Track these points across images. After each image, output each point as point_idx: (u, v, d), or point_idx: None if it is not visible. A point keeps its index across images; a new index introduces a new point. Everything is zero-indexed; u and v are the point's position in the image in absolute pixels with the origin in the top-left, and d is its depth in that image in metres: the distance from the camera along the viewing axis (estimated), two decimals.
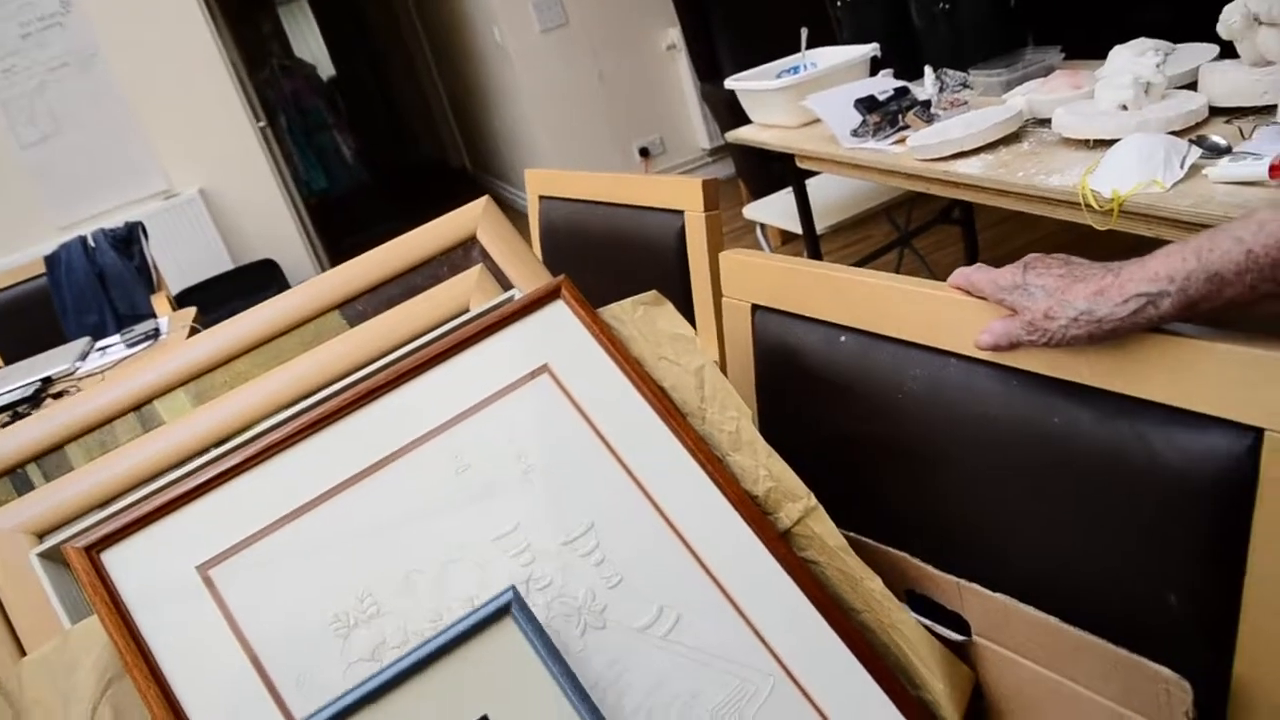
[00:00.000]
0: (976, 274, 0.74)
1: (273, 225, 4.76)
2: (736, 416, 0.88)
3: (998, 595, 0.76)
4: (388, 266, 1.07)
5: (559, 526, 0.83)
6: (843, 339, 0.88)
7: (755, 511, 0.86)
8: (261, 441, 0.85)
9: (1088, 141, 1.68)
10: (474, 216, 1.11)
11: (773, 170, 3.14)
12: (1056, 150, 1.73)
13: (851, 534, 0.85)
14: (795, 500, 0.85)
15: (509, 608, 0.76)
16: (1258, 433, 0.61)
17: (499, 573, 0.80)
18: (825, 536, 0.84)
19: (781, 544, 0.86)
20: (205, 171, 4.57)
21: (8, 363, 2.64)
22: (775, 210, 2.99)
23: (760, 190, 3.30)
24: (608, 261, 1.46)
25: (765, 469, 0.86)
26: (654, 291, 0.93)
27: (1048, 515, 0.74)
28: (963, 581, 0.78)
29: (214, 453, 0.88)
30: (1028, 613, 0.74)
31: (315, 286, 1.05)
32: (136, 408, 0.96)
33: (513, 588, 0.76)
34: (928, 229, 3.06)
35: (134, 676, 0.72)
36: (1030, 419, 0.73)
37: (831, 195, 2.87)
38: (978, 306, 0.75)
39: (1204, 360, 0.63)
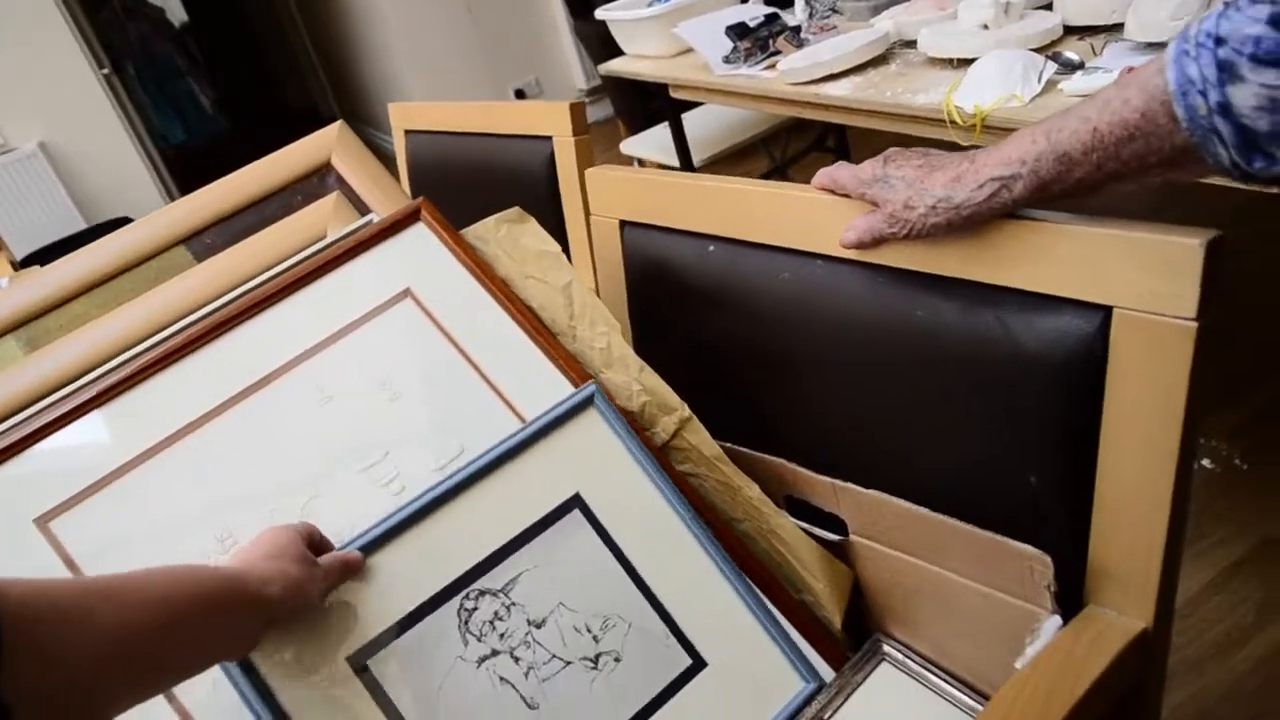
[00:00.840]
0: (839, 170, 0.74)
1: (126, 180, 4.47)
2: (607, 332, 0.86)
3: (870, 491, 0.77)
4: (236, 196, 1.00)
5: (430, 452, 0.80)
6: (711, 249, 0.87)
7: (635, 426, 0.85)
8: (102, 383, 0.79)
9: (952, 61, 1.71)
10: (328, 142, 1.06)
11: (650, 107, 3.11)
12: (923, 70, 1.75)
13: (728, 444, 0.85)
14: (670, 413, 0.84)
15: (591, 399, 0.83)
16: (1107, 311, 0.63)
17: (368, 503, 0.77)
18: (702, 447, 0.83)
19: (660, 455, 0.85)
20: (44, 124, 4.23)
21: None
22: (652, 145, 2.96)
23: (639, 128, 3.26)
24: (477, 194, 1.41)
25: (639, 384, 0.85)
26: (517, 208, 0.90)
27: (916, 409, 0.75)
28: (837, 482, 0.79)
29: (48, 400, 0.81)
30: (899, 505, 0.75)
31: (157, 219, 0.98)
32: None
33: (593, 384, 0.83)
34: (803, 157, 3.08)
35: None
36: (896, 314, 0.73)
37: (708, 128, 2.86)
38: (842, 206, 0.75)
39: (1056, 243, 0.64)
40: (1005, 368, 0.68)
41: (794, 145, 3.07)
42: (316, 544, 0.71)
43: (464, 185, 1.56)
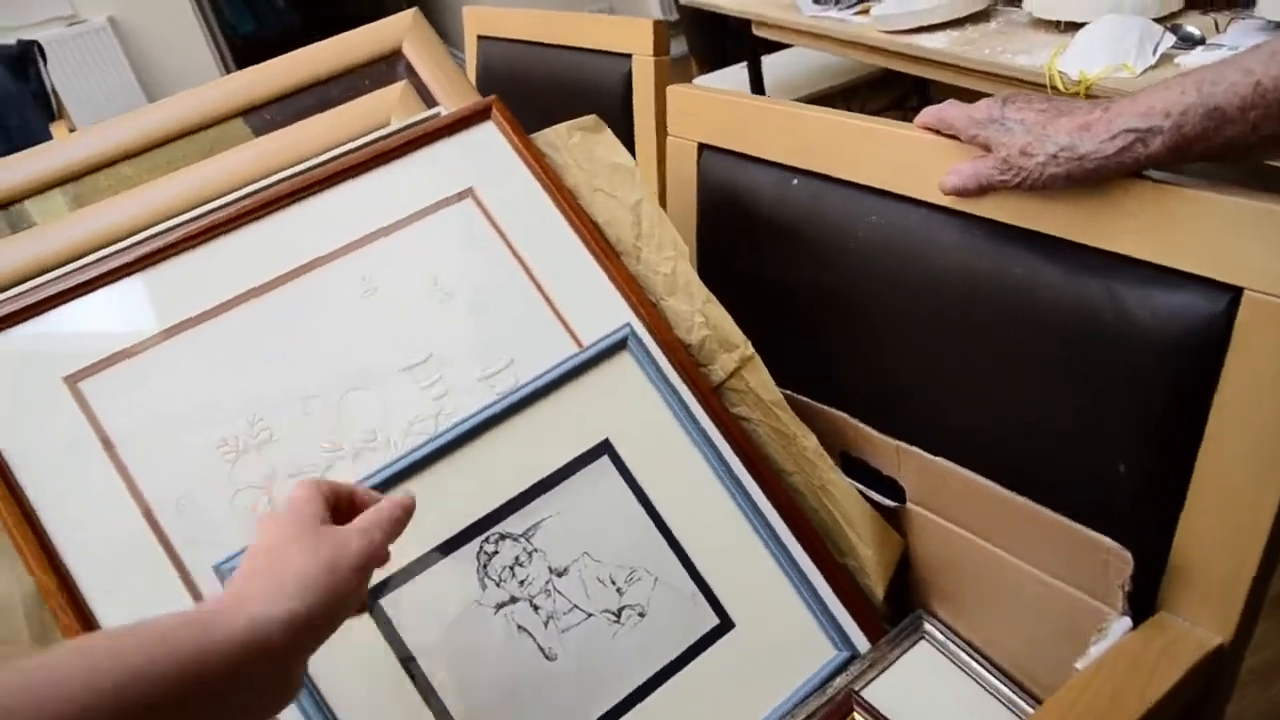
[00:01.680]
0: (949, 108, 0.67)
1: (192, 66, 4.43)
2: (674, 257, 0.81)
3: (937, 459, 0.72)
4: (301, 73, 0.95)
5: (477, 361, 0.76)
6: (794, 182, 0.81)
7: (688, 360, 0.80)
8: (144, 248, 0.75)
9: (1058, 24, 1.61)
10: (401, 28, 1.00)
11: (727, 47, 3.02)
12: (1025, 31, 1.66)
13: (786, 392, 0.80)
14: (731, 350, 0.79)
15: (625, 342, 0.79)
16: (1236, 292, 0.57)
17: (406, 404, 0.73)
18: (760, 390, 0.78)
19: (713, 398, 0.80)
20: (115, 0, 4.22)
21: None
22: (727, 86, 2.88)
23: (713, 68, 3.17)
24: (547, 108, 1.35)
25: (702, 315, 0.80)
26: (593, 116, 0.84)
27: (999, 377, 0.69)
28: (902, 444, 0.74)
29: (88, 259, 0.78)
30: (966, 477, 0.70)
31: (217, 89, 0.93)
32: (4, 206, 0.85)
33: (628, 324, 0.79)
34: (881, 114, 2.98)
35: None
36: (991, 272, 0.67)
37: (786, 74, 2.76)
38: (945, 148, 0.68)
39: (1186, 210, 0.58)
40: (1108, 343, 0.62)
41: (872, 103, 2.97)
42: (349, 503, 0.56)
43: (534, 98, 1.50)
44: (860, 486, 0.77)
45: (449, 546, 0.70)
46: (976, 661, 0.76)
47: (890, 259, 0.74)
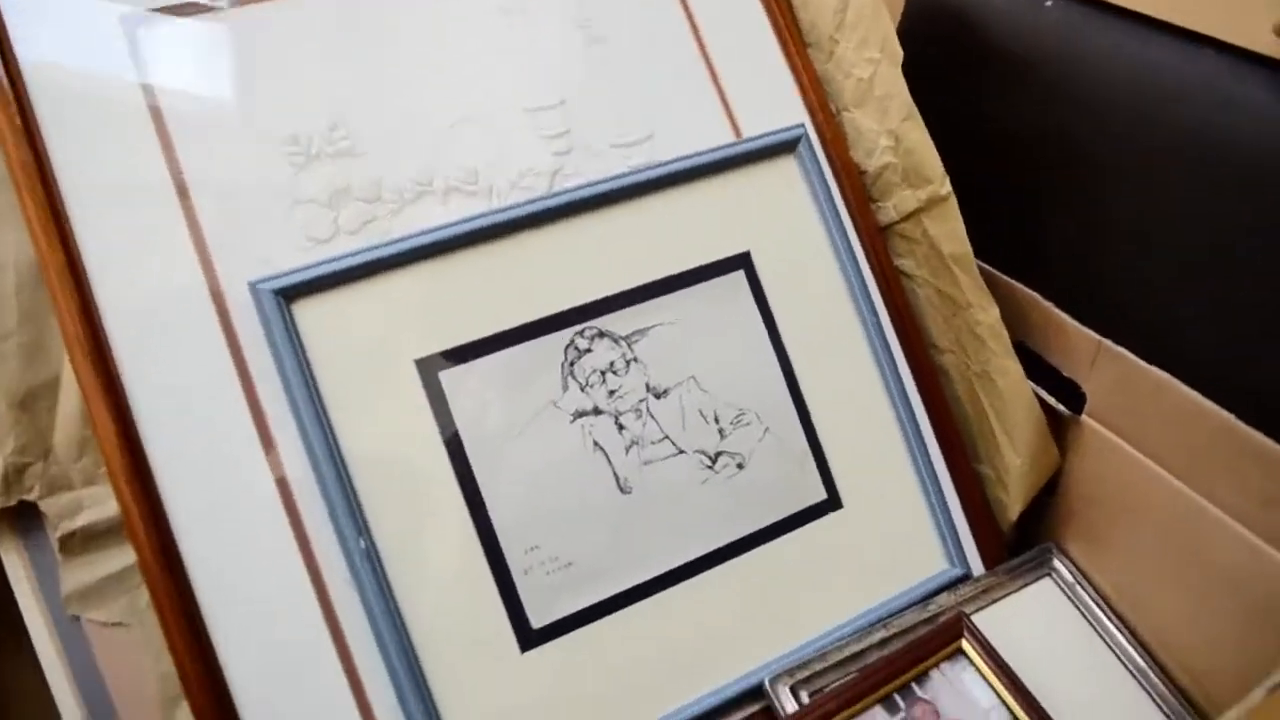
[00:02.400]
0: None
1: None
2: (877, 60, 0.65)
3: (1151, 367, 0.57)
4: None
5: (614, 122, 0.62)
6: (1048, 3, 0.64)
7: (859, 189, 0.66)
8: None
9: None
10: None
11: None
12: None
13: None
14: (919, 186, 0.64)
15: (795, 145, 0.65)
16: None
17: (521, 151, 0.60)
18: (941, 241, 0.64)
19: (879, 240, 0.66)
20: None
21: None
22: None
23: None
24: None
25: (891, 138, 0.65)
26: None
27: (1257, 282, 0.54)
28: (1107, 341, 0.60)
29: None
30: (1188, 396, 0.55)
31: None
32: None
33: (803, 125, 0.65)
34: None
35: None
36: None
37: None
38: None
39: None
40: None
41: None
42: None
43: None
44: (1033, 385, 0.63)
45: (533, 330, 0.57)
46: (1110, 619, 0.64)
47: (1152, 115, 0.58)
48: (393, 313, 0.56)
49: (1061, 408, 0.63)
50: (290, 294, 0.54)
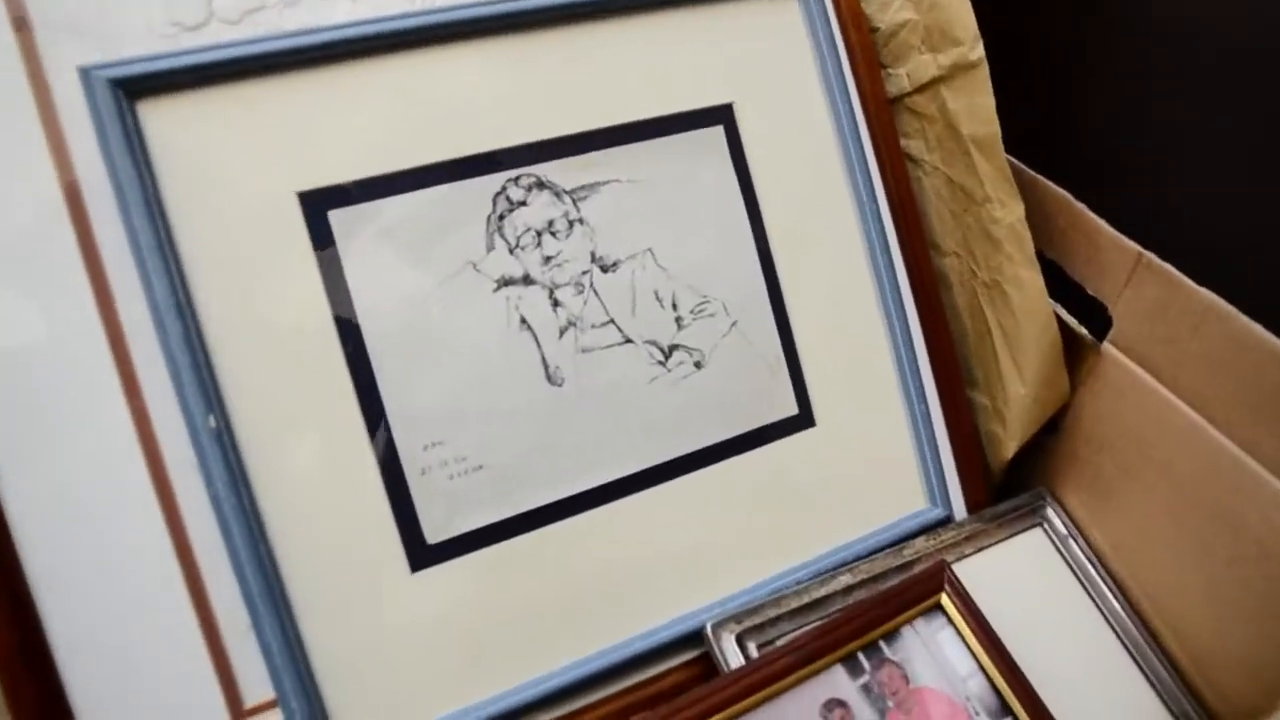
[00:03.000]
0: None
1: None
2: None
3: (1201, 289, 0.47)
4: None
5: None
6: None
7: (869, 49, 0.54)
8: None
9: None
10: None
11: None
12: None
13: None
14: (943, 49, 0.53)
15: None
16: None
17: None
18: (961, 119, 0.53)
19: (885, 114, 0.55)
20: None
21: None
22: None
23: None
24: None
25: None
26: None
27: None
28: (1149, 255, 0.49)
29: None
30: (1238, 325, 0.45)
31: None
32: None
33: None
34: None
35: None
36: None
37: None
38: None
39: None
40: None
41: None
42: None
43: None
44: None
45: (456, 170, 0.45)
46: (1104, 580, 0.55)
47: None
48: (274, 130, 0.43)
49: (1083, 331, 0.53)
50: (135, 88, 0.41)
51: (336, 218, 0.43)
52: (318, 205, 0.43)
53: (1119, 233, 0.50)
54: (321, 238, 0.43)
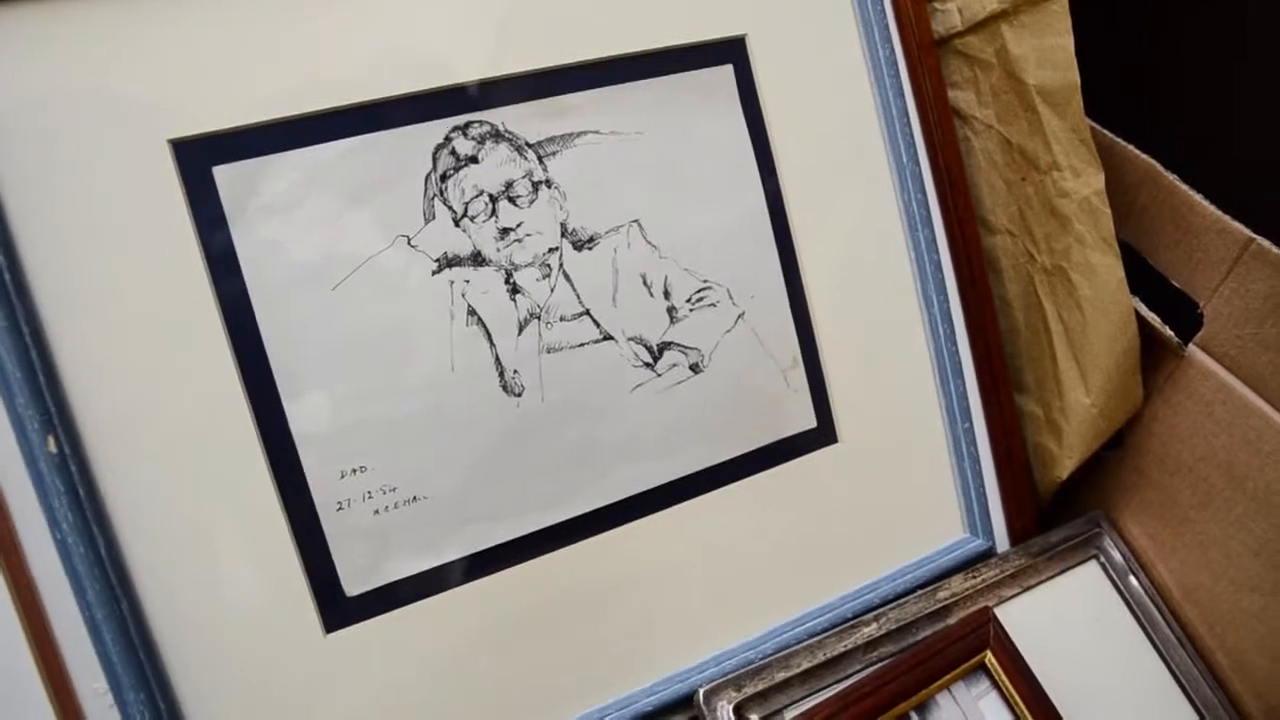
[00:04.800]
0: None
1: None
2: None
3: None
4: None
5: None
6: None
7: None
8: None
9: None
10: None
11: None
12: None
13: None
14: None
15: None
16: None
17: None
18: (1026, 66, 0.42)
19: (931, 57, 0.44)
20: None
21: None
22: None
23: None
24: None
25: None
26: None
27: None
28: (1261, 240, 0.40)
29: None
30: None
31: None
32: None
33: None
34: None
35: None
36: None
37: None
38: None
39: None
40: None
41: None
42: None
43: None
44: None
45: (382, 114, 0.35)
46: (1169, 624, 0.46)
47: None
48: (138, 58, 0.32)
49: (1168, 332, 0.43)
50: None
51: (223, 176, 0.32)
52: (198, 159, 0.32)
53: (1221, 212, 0.40)
54: (203, 201, 0.32)
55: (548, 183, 0.36)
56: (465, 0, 0.36)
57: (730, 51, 0.39)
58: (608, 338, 0.38)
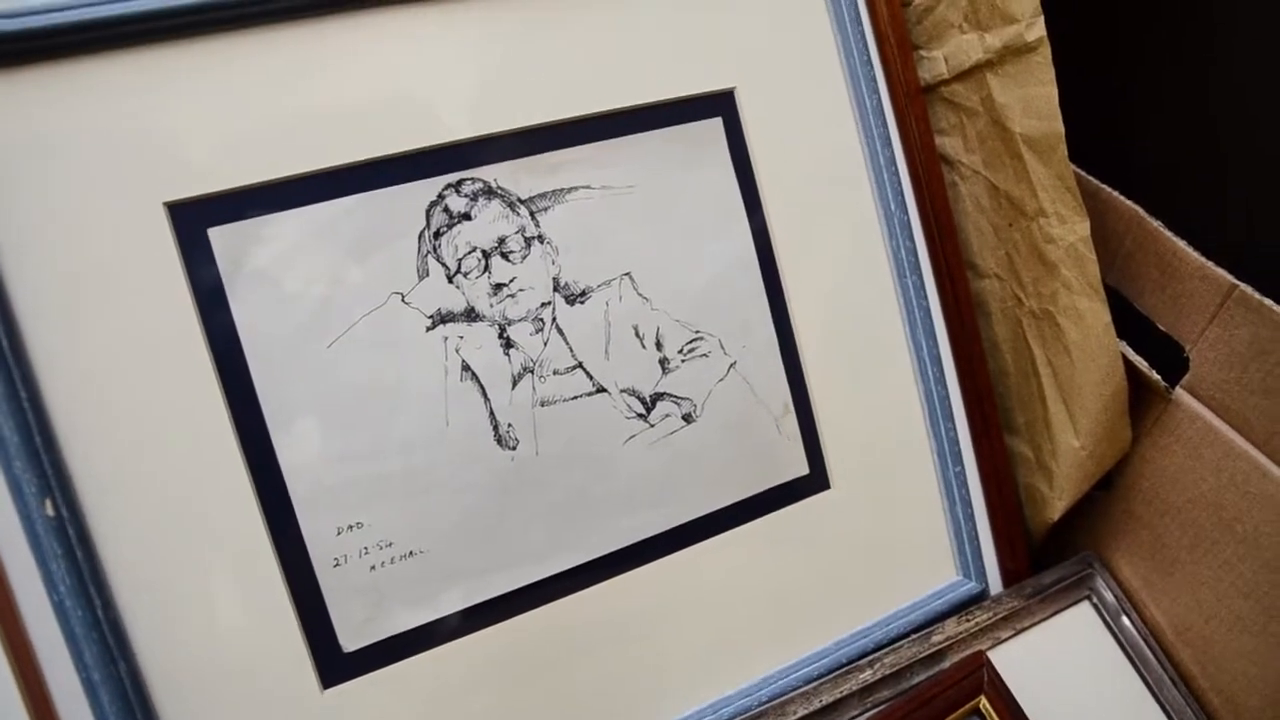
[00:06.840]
0: None
1: None
2: None
3: None
4: None
5: None
6: None
7: (899, 25, 0.44)
8: None
9: None
10: None
11: None
12: None
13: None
14: (992, 28, 0.43)
15: None
16: None
17: None
18: (1011, 115, 0.43)
19: (919, 104, 0.45)
20: None
21: None
22: None
23: None
24: None
25: None
26: None
27: None
28: (1244, 286, 0.40)
29: None
30: None
31: None
32: None
33: None
34: None
35: None
36: None
37: None
38: None
39: None
40: None
41: None
42: None
43: None
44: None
45: (376, 173, 0.35)
46: (1162, 666, 0.46)
47: None
48: (132, 121, 0.33)
49: (1154, 375, 0.44)
50: None
51: (219, 237, 0.33)
52: (193, 221, 0.32)
53: (1205, 259, 0.41)
54: (199, 263, 0.33)
55: (540, 238, 0.37)
56: (457, 59, 0.36)
57: (719, 105, 0.40)
58: (601, 390, 0.38)
